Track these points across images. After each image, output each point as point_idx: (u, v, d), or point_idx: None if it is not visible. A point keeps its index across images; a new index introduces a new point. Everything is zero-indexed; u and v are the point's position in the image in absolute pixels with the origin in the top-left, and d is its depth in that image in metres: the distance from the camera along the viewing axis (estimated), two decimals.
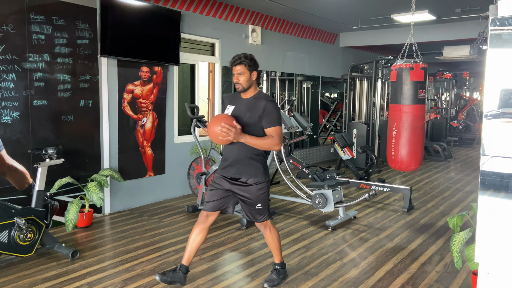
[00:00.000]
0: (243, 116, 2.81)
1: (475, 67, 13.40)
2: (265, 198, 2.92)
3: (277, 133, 2.77)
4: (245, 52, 2.91)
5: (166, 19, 5.22)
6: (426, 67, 4.32)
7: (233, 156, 2.87)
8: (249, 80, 2.84)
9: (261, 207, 2.91)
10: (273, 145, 2.76)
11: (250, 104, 2.84)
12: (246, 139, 2.73)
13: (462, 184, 6.80)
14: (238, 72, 2.83)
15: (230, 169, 2.89)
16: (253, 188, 2.86)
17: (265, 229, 3.02)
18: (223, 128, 2.64)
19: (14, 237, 3.25)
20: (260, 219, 2.96)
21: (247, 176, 2.85)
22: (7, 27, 3.87)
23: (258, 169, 2.87)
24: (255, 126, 2.79)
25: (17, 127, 4.01)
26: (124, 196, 5.05)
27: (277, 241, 3.06)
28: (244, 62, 2.82)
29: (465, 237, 2.78)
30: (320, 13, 6.91)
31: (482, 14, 5.95)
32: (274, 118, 2.78)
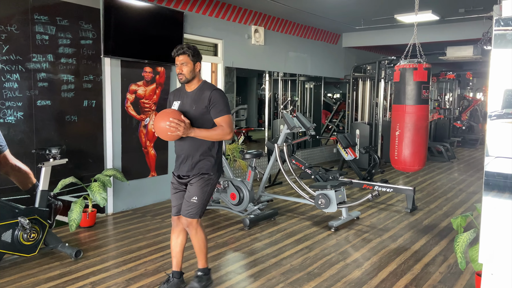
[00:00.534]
0: (189, 110, 2.72)
1: (479, 67, 13.36)
2: (204, 192, 2.76)
3: (226, 122, 2.69)
4: (188, 43, 2.81)
5: (169, 19, 5.23)
6: (430, 67, 4.31)
7: (184, 152, 2.78)
8: (192, 71, 2.74)
9: (196, 201, 2.74)
10: (224, 135, 2.69)
11: (195, 96, 2.75)
12: (195, 132, 2.64)
13: (465, 184, 6.77)
14: (181, 62, 2.72)
15: (183, 166, 2.79)
16: (197, 179, 2.75)
17: (191, 228, 2.81)
18: (171, 123, 2.54)
19: (18, 236, 3.26)
20: (189, 214, 2.75)
21: (197, 172, 2.75)
22: (11, 28, 3.88)
23: (210, 163, 2.77)
24: (203, 118, 2.70)
25: (21, 127, 4.02)
26: (127, 196, 5.06)
27: (202, 244, 2.88)
28: (187, 52, 2.72)
29: (469, 237, 2.77)
30: (323, 13, 6.90)
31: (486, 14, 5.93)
32: (222, 108, 2.70)
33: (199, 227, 2.84)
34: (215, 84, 6.33)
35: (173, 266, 2.97)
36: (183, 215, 2.79)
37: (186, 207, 2.76)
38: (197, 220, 2.80)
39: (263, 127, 7.70)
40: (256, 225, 4.50)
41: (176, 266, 2.96)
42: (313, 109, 9.01)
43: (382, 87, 8.08)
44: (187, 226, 2.82)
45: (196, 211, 2.77)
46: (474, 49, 7.66)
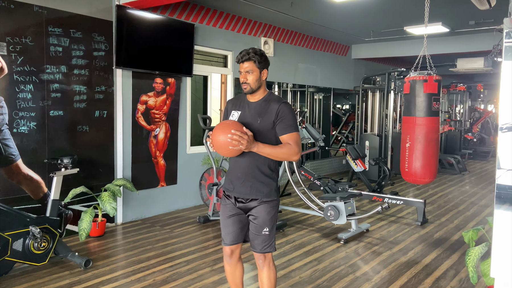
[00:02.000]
0: (253, 123, 2.34)
1: (490, 79, 13.28)
2: (273, 221, 2.41)
3: (294, 140, 2.30)
4: (254, 47, 2.45)
5: (180, 31, 5.30)
6: (440, 79, 4.29)
7: (243, 170, 2.39)
8: (258, 79, 2.37)
9: (267, 232, 2.39)
10: (291, 155, 2.29)
11: (260, 108, 2.38)
12: (259, 148, 2.25)
13: (477, 197, 6.69)
14: (246, 70, 2.36)
15: (240, 187, 2.40)
16: (263, 207, 2.37)
17: (264, 262, 2.45)
18: (233, 136, 2.17)
19: (29, 245, 3.29)
20: (265, 249, 2.40)
21: (260, 196, 2.37)
22: (26, 39, 3.97)
23: (271, 186, 2.41)
24: (268, 133, 2.33)
25: (33, 137, 4.08)
26: (136, 206, 5.08)
27: (273, 283, 2.49)
28: (253, 58, 2.34)
29: (480, 251, 2.73)
30: (332, 25, 6.94)
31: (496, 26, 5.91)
32: (290, 123, 2.32)
33: (272, 262, 2.49)
34: (225, 95, 6.38)
35: None
36: (257, 252, 2.43)
37: (260, 242, 2.40)
38: (271, 254, 2.47)
39: None
40: None
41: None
42: (322, 120, 9.01)
43: (391, 99, 8.06)
44: (260, 260, 2.46)
45: (271, 243, 2.42)
46: (485, 61, 7.64)
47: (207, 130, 4.98)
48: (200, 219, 5.00)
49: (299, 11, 5.99)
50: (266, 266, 2.46)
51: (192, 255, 3.92)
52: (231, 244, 2.46)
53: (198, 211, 5.54)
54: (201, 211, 5.55)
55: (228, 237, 2.46)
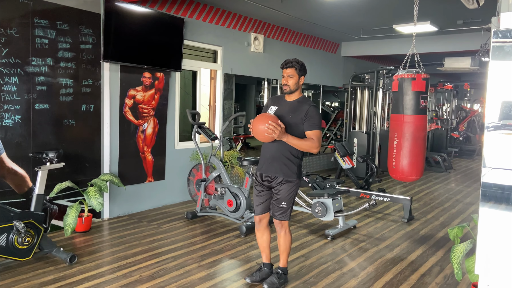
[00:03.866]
0: (286, 117, 2.95)
1: (476, 78, 13.45)
2: (291, 197, 3.03)
3: (317, 137, 2.91)
4: (296, 58, 3.09)
5: (169, 25, 5.24)
6: (428, 78, 4.33)
7: (271, 154, 3.01)
8: (297, 83, 3.03)
9: (285, 206, 3.01)
10: (312, 147, 2.89)
11: (293, 107, 3.00)
12: (288, 138, 2.86)
13: (462, 195, 6.78)
14: (288, 74, 3.01)
15: (267, 166, 3.03)
16: (284, 186, 2.99)
17: (281, 229, 3.09)
18: (270, 126, 2.77)
19: (13, 240, 3.23)
20: (280, 217, 3.04)
21: (282, 175, 2.98)
22: (11, 31, 3.89)
23: (292, 169, 2.98)
24: (296, 127, 2.93)
25: (18, 130, 4.01)
26: (123, 201, 5.04)
27: (288, 245, 3.14)
28: (295, 66, 3.02)
29: (465, 248, 2.77)
30: (323, 22, 6.94)
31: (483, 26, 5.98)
32: (316, 122, 2.92)
33: (288, 229, 3.12)
34: (214, 91, 6.35)
35: (263, 259, 3.27)
36: (275, 218, 3.07)
37: (277, 211, 3.04)
38: (287, 222, 3.10)
39: None
40: (253, 233, 4.47)
41: (266, 259, 3.26)
42: None
43: (380, 97, 8.12)
44: (278, 226, 3.09)
45: (285, 214, 3.05)
46: (472, 61, 7.73)
47: (196, 125, 4.95)
48: (187, 215, 4.97)
49: (290, 8, 5.98)
50: (283, 231, 3.10)
51: (179, 251, 3.90)
52: (259, 214, 3.14)
53: (186, 207, 5.51)
54: (188, 207, 5.53)
55: (258, 209, 3.14)
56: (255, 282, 3.20)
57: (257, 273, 3.24)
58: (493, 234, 2.03)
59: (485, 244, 2.05)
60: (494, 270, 2.03)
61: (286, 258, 3.19)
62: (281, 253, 3.18)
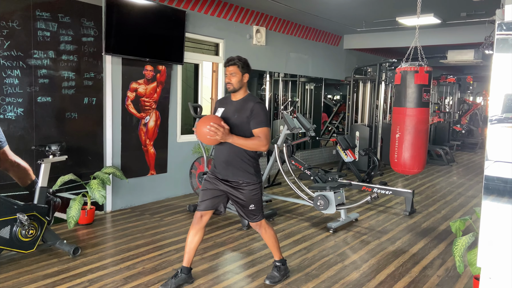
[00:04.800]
0: (231, 117, 2.86)
1: (479, 71, 13.37)
2: (258, 198, 2.97)
3: (264, 134, 2.81)
4: (239, 55, 2.97)
5: (171, 18, 5.22)
6: (431, 71, 4.31)
7: (224, 157, 2.91)
8: (240, 81, 2.89)
9: (255, 208, 2.96)
10: (259, 146, 2.80)
11: (238, 106, 2.90)
12: (233, 139, 2.78)
13: (464, 188, 6.78)
14: (231, 72, 2.89)
15: (222, 170, 2.93)
16: (246, 189, 2.91)
17: (260, 228, 3.07)
18: (211, 127, 2.70)
19: (16, 233, 3.26)
20: (254, 219, 3.01)
21: (239, 178, 2.90)
22: (13, 24, 3.88)
23: (249, 171, 2.91)
24: (243, 127, 2.83)
25: (20, 123, 4.02)
26: (125, 194, 5.05)
27: (273, 240, 3.11)
28: (237, 63, 2.88)
29: (467, 241, 2.77)
30: (325, 14, 6.90)
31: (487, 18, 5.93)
32: (262, 119, 2.82)
33: (267, 226, 3.07)
34: (216, 84, 6.33)
35: (184, 261, 3.03)
36: (252, 222, 3.03)
37: (249, 215, 2.99)
38: (263, 220, 3.04)
39: None
40: None
41: (187, 262, 3.03)
42: (313, 110, 9.01)
43: (382, 90, 8.09)
44: (257, 228, 3.07)
45: (258, 214, 3.00)
46: (475, 53, 7.68)
47: (198, 118, 4.95)
48: (190, 208, 4.99)
49: (292, 0, 5.94)
50: (262, 230, 3.06)
51: (182, 243, 3.92)
52: (202, 210, 2.97)
53: (188, 200, 5.53)
54: (191, 199, 5.54)
55: (202, 204, 2.97)
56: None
57: (172, 280, 2.97)
58: (496, 227, 2.03)
59: (487, 237, 2.06)
60: (496, 263, 2.04)
61: (277, 250, 3.16)
62: (272, 249, 3.17)
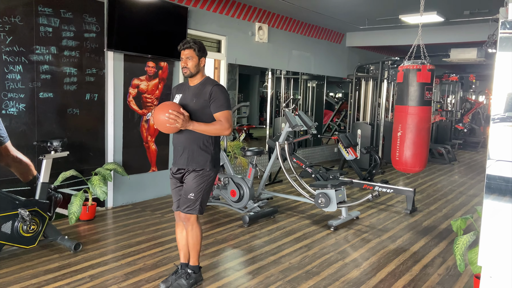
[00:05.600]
0: (189, 103, 2.73)
1: (482, 70, 13.34)
2: (200, 189, 2.76)
3: (225, 117, 2.67)
4: (194, 38, 2.85)
5: (173, 14, 5.21)
6: (434, 69, 4.30)
7: (181, 144, 2.78)
8: (197, 65, 2.76)
9: (193, 197, 2.75)
10: (222, 130, 2.66)
11: (196, 90, 2.76)
12: (194, 126, 2.64)
13: (465, 187, 6.77)
14: (186, 56, 2.74)
15: (179, 159, 2.79)
16: (192, 174, 2.76)
17: (188, 223, 2.82)
18: (170, 115, 2.55)
19: (18, 228, 3.26)
20: (186, 210, 2.77)
21: (194, 166, 2.75)
22: (15, 19, 3.88)
23: (205, 157, 2.76)
24: (202, 112, 2.70)
25: (22, 119, 4.02)
26: (127, 191, 5.06)
27: (196, 241, 2.86)
28: (193, 47, 2.74)
29: (468, 240, 2.77)
30: (327, 12, 6.88)
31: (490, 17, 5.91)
32: (222, 103, 2.69)
33: (196, 224, 2.84)
34: (218, 80, 6.33)
35: (181, 258, 3.01)
36: (181, 211, 2.82)
37: (184, 203, 2.79)
38: (195, 216, 2.81)
39: (264, 125, 7.70)
40: (256, 223, 4.50)
41: (183, 259, 3.00)
42: (315, 108, 9.00)
43: (384, 88, 8.07)
44: (184, 221, 2.85)
45: (193, 207, 2.77)
46: (478, 52, 7.65)
47: None
48: None
49: None
50: (190, 226, 2.83)
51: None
52: (176, 210, 2.92)
53: None
54: None
55: (175, 204, 2.92)
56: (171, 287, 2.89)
57: (173, 276, 2.94)
58: (497, 226, 2.03)
59: (488, 236, 2.05)
60: (497, 261, 2.04)
61: (195, 255, 2.90)
62: (190, 251, 2.90)
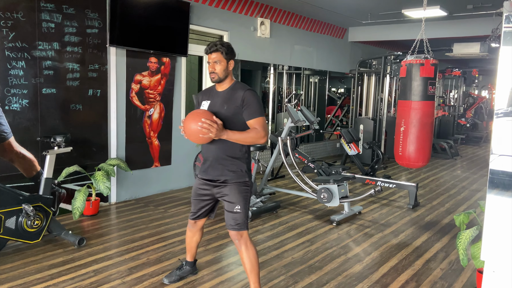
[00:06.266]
0: (220, 110, 2.51)
1: (485, 65, 13.27)
2: (246, 200, 2.56)
3: (260, 124, 2.46)
4: (221, 40, 2.64)
5: (175, 10, 5.20)
6: (437, 63, 4.28)
7: (213, 155, 2.58)
8: (225, 69, 2.55)
9: (240, 211, 2.51)
10: (258, 138, 2.45)
11: (226, 96, 2.55)
12: (228, 135, 2.43)
13: (468, 182, 6.76)
14: (214, 60, 2.52)
15: (211, 170, 2.60)
16: (234, 186, 2.54)
17: (240, 242, 2.52)
18: (203, 124, 2.34)
19: (22, 223, 3.29)
20: (237, 227, 2.51)
21: (230, 177, 2.55)
22: (17, 15, 3.88)
23: (241, 169, 2.56)
24: (235, 119, 2.49)
25: (26, 115, 4.03)
26: (130, 186, 5.08)
27: (254, 263, 2.54)
28: (220, 50, 2.53)
29: (471, 234, 2.77)
30: (330, 6, 6.85)
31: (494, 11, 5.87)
32: (256, 109, 2.48)
33: (249, 241, 2.55)
34: None
35: (187, 257, 3.04)
36: (230, 230, 2.54)
37: (232, 219, 2.53)
38: (247, 233, 2.55)
39: (267, 120, 7.70)
40: (258, 218, 4.51)
41: (190, 257, 3.03)
42: (317, 103, 8.99)
43: (387, 83, 8.05)
44: (236, 240, 2.54)
45: (243, 220, 2.53)
46: (481, 46, 7.61)
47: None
48: None
49: None
50: (243, 245, 2.54)
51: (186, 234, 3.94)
52: (193, 219, 2.81)
53: None
54: None
55: (192, 214, 2.80)
56: (173, 282, 2.89)
57: (176, 271, 2.96)
58: (500, 221, 2.03)
59: (491, 231, 2.06)
60: (500, 256, 2.04)
61: (256, 279, 2.55)
62: (249, 275, 2.56)
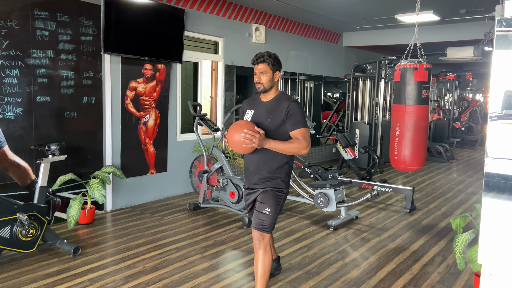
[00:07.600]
0: (264, 121, 2.58)
1: (479, 68, 13.37)
2: (277, 205, 2.62)
3: (303, 135, 2.52)
4: (268, 51, 2.71)
5: (170, 16, 5.21)
6: (430, 68, 4.30)
7: (254, 164, 2.65)
8: (271, 80, 2.62)
9: (269, 213, 2.58)
10: (300, 149, 2.51)
11: (271, 107, 2.62)
12: (270, 144, 2.49)
13: (464, 185, 6.78)
14: (260, 71, 2.62)
15: (252, 178, 2.68)
16: (269, 190, 2.62)
17: (260, 244, 2.58)
18: (246, 135, 2.42)
19: (16, 232, 3.25)
20: (262, 227, 2.58)
21: (269, 185, 2.63)
22: (11, 23, 3.87)
23: (282, 178, 2.63)
24: (278, 129, 2.56)
25: (20, 123, 4.01)
26: (126, 193, 5.05)
27: (267, 268, 2.60)
28: (267, 61, 2.62)
29: (468, 238, 2.77)
30: (324, 12, 6.89)
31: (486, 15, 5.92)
32: (299, 119, 2.54)
33: (269, 247, 2.62)
34: (215, 82, 6.32)
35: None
36: (254, 228, 2.61)
37: (259, 219, 2.59)
38: (269, 237, 2.63)
39: None
40: None
41: (273, 256, 3.15)
42: (313, 108, 9.01)
43: (382, 87, 8.08)
44: (257, 241, 2.59)
45: (269, 224, 2.59)
46: (475, 50, 7.67)
47: (197, 117, 4.95)
48: (190, 207, 4.99)
49: None
50: (262, 248, 2.58)
51: (182, 242, 3.92)
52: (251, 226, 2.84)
53: (188, 199, 5.53)
54: (191, 198, 5.54)
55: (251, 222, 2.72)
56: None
57: None
58: (496, 224, 2.03)
59: (487, 234, 2.06)
60: (497, 259, 2.04)
61: (264, 286, 2.60)
62: (258, 280, 2.59)
